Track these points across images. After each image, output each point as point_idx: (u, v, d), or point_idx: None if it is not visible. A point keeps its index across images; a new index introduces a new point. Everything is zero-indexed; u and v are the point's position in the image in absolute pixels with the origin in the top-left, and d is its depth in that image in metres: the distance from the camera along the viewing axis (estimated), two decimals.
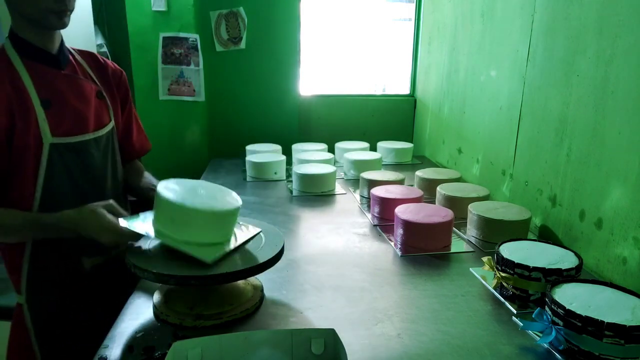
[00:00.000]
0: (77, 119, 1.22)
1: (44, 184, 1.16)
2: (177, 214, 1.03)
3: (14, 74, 1.13)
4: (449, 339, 1.00)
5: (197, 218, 1.03)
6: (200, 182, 1.18)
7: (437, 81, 2.64)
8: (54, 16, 1.12)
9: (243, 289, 1.15)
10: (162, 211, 1.06)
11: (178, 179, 1.16)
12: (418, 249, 1.45)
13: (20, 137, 1.12)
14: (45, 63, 1.18)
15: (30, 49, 1.16)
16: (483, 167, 2.06)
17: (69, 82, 1.22)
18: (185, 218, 1.03)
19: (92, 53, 1.37)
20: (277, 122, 2.86)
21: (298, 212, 1.82)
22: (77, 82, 1.24)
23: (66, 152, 1.19)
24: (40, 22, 1.13)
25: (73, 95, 1.22)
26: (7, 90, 1.10)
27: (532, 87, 1.66)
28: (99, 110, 1.29)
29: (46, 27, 1.15)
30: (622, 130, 1.24)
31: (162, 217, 1.06)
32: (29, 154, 1.13)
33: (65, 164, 1.19)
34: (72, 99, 1.21)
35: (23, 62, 1.15)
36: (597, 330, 0.88)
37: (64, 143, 1.18)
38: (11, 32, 1.17)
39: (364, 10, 3.19)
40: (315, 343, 0.82)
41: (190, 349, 0.80)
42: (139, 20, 2.57)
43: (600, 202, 1.32)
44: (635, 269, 1.19)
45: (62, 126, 1.18)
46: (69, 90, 1.21)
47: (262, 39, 2.73)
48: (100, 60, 1.37)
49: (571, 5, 1.44)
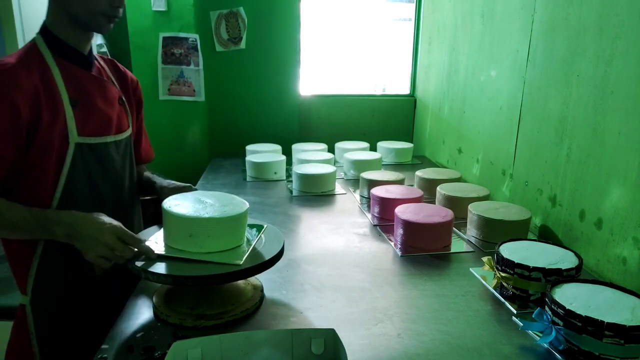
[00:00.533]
0: (102, 121, 1.21)
1: (65, 184, 1.13)
2: (196, 227, 1.04)
3: (45, 69, 1.12)
4: (449, 339, 1.00)
5: (217, 227, 1.05)
6: (199, 192, 1.20)
7: (437, 81, 2.64)
8: (104, 19, 1.12)
9: (243, 289, 1.15)
10: (177, 229, 1.06)
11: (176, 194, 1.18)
12: (418, 249, 1.45)
13: (44, 133, 1.08)
14: (76, 62, 1.17)
15: (63, 47, 1.15)
16: (483, 167, 2.06)
17: (96, 83, 1.22)
18: (205, 230, 1.04)
19: (113, 60, 1.38)
20: (277, 122, 2.86)
21: (298, 212, 1.82)
22: (103, 84, 1.24)
23: (89, 152, 1.17)
24: (87, 24, 1.13)
25: (100, 96, 1.21)
26: (35, 82, 1.08)
27: (532, 87, 1.66)
28: (120, 114, 1.29)
29: (93, 29, 1.15)
30: (622, 130, 1.24)
31: (178, 234, 1.06)
32: (51, 152, 1.10)
33: (86, 165, 1.17)
34: (98, 100, 1.20)
35: (54, 58, 1.13)
36: (597, 330, 0.88)
37: (88, 143, 1.17)
38: (44, 29, 1.15)
39: (364, 10, 3.19)
40: (315, 343, 0.82)
41: (190, 349, 0.80)
42: (139, 20, 2.57)
43: (600, 202, 1.32)
44: (635, 269, 1.19)
45: (87, 126, 1.17)
46: (96, 92, 1.20)
47: (262, 39, 2.73)
48: (121, 68, 1.38)
49: (571, 5, 1.44)
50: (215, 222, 1.04)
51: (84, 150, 1.16)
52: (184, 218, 1.04)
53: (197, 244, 1.04)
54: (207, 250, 1.05)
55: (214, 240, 1.05)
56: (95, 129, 1.20)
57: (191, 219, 1.03)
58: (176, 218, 1.04)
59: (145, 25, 2.58)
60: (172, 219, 1.06)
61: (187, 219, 1.04)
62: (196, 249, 1.04)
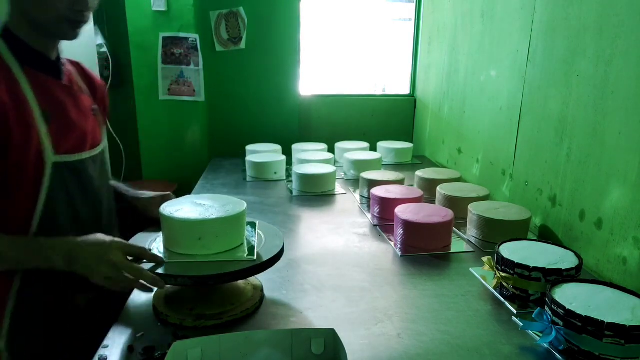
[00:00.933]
0: (78, 135, 1.08)
1: (44, 209, 1.00)
2: (205, 230, 1.04)
3: (12, 80, 0.97)
4: (449, 339, 1.00)
5: (226, 227, 1.07)
6: (191, 197, 1.20)
7: (437, 81, 2.64)
8: (67, 25, 0.99)
9: (243, 289, 1.15)
10: (185, 234, 1.05)
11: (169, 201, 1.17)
12: (418, 249, 1.45)
13: (16, 153, 0.95)
14: (44, 71, 1.04)
15: (29, 52, 1.01)
16: (483, 167, 2.06)
17: (68, 93, 1.08)
18: (213, 231, 1.05)
19: (79, 63, 1.22)
20: (277, 122, 2.86)
21: (298, 212, 1.82)
22: (75, 94, 1.10)
23: (67, 172, 1.04)
24: (49, 30, 1.00)
25: (73, 108, 1.07)
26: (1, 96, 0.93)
27: (532, 87, 1.66)
28: (94, 126, 1.15)
29: (57, 36, 1.03)
30: (622, 130, 1.24)
31: (185, 239, 1.05)
32: (26, 173, 0.97)
33: (65, 186, 1.04)
34: (72, 112, 1.07)
35: (22, 67, 1.00)
36: (597, 330, 0.88)
37: (65, 162, 1.03)
38: (6, 31, 1.00)
39: (364, 10, 3.19)
40: (315, 343, 0.82)
41: (190, 349, 0.80)
42: (139, 20, 2.57)
43: (600, 202, 1.32)
44: (635, 269, 1.19)
45: (64, 143, 1.03)
46: (69, 103, 1.07)
47: (262, 39, 2.73)
48: (87, 72, 1.23)
49: (571, 5, 1.44)
50: (223, 222, 1.06)
51: (61, 170, 1.03)
52: (194, 222, 1.04)
53: (205, 247, 1.05)
54: (215, 251, 1.06)
55: (222, 240, 1.07)
56: (73, 145, 1.06)
57: (201, 222, 1.04)
58: (184, 223, 1.04)
59: (145, 25, 2.58)
60: (178, 225, 1.05)
61: (197, 222, 1.04)
62: (204, 251, 1.05)
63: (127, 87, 2.81)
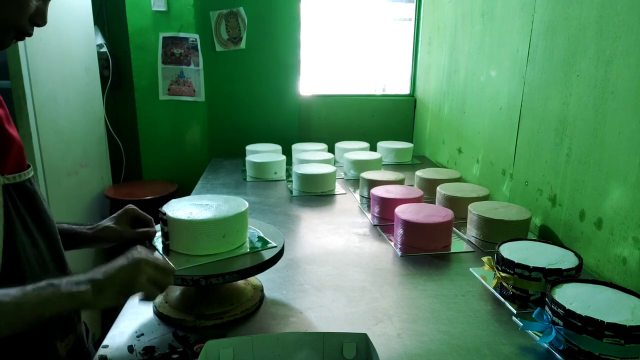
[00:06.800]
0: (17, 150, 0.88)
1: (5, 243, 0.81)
2: (228, 226, 1.07)
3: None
4: (449, 339, 1.00)
5: (243, 221, 1.11)
6: (191, 197, 1.21)
7: (437, 81, 2.64)
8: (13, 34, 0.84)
9: (243, 289, 1.15)
10: (208, 234, 1.06)
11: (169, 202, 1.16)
12: (418, 249, 1.45)
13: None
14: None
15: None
16: (483, 167, 2.06)
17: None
18: (235, 227, 1.08)
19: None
20: (277, 122, 2.87)
21: (298, 212, 1.82)
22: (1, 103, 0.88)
23: (17, 195, 0.86)
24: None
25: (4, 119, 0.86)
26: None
27: (532, 87, 1.66)
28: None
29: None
30: (622, 130, 1.24)
31: (208, 239, 1.06)
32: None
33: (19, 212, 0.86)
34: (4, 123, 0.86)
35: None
36: (597, 330, 0.88)
37: (13, 184, 0.85)
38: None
39: (364, 10, 3.19)
40: (347, 347, 0.82)
41: (223, 349, 0.80)
42: (139, 20, 2.57)
43: (600, 202, 1.32)
44: (635, 269, 1.19)
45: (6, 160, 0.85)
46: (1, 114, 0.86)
47: (262, 39, 2.74)
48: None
49: (571, 5, 1.44)
50: (240, 217, 1.09)
51: (10, 193, 0.85)
52: (217, 221, 1.05)
53: (228, 242, 1.08)
54: (237, 245, 1.10)
55: (241, 235, 1.11)
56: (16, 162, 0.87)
57: (222, 220, 1.06)
58: (206, 224, 1.05)
59: (145, 25, 2.58)
60: (199, 227, 1.05)
61: (220, 220, 1.06)
62: (228, 247, 1.08)
63: (127, 87, 2.81)
